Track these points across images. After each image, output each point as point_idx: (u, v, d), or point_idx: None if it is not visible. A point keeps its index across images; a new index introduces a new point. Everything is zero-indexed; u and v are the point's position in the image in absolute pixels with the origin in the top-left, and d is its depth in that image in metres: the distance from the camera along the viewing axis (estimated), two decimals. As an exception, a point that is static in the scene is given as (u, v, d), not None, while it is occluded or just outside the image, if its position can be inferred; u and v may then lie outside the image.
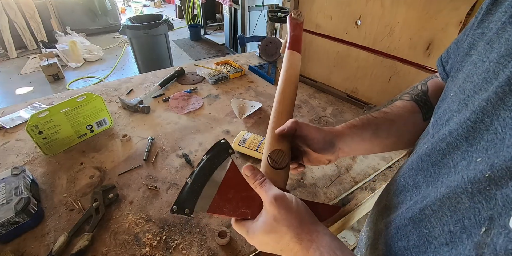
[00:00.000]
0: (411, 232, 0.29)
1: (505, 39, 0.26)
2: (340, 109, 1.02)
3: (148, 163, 0.75)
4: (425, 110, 0.44)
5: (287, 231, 0.31)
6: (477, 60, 0.29)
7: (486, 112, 0.24)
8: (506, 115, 0.22)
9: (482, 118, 0.25)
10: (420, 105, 0.45)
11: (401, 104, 0.46)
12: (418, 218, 0.29)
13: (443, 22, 0.70)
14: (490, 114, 0.24)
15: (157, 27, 2.64)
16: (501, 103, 0.23)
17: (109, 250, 0.55)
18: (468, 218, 0.23)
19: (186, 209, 0.34)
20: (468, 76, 0.29)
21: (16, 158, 0.76)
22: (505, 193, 0.20)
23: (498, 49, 0.26)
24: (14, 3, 3.40)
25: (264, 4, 3.06)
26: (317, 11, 0.98)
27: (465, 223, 0.23)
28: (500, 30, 0.27)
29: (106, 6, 4.26)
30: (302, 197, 0.67)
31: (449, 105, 0.31)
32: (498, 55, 0.26)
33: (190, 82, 1.17)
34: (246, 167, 0.35)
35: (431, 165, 0.30)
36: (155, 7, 6.18)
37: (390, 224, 0.34)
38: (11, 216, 0.54)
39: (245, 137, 0.78)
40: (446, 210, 0.26)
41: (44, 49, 3.45)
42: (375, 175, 0.76)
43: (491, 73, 0.26)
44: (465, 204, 0.24)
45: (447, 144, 0.28)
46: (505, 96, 0.23)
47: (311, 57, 1.12)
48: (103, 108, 0.85)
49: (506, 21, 0.26)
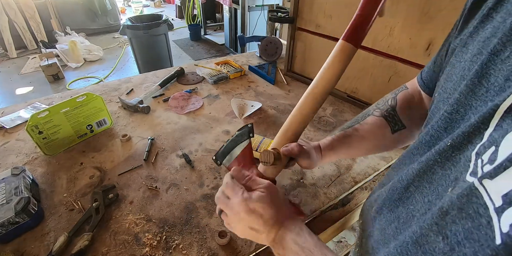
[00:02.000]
0: (402, 212, 0.32)
1: (477, 41, 0.29)
2: (340, 109, 1.02)
3: (148, 163, 0.75)
4: (392, 124, 0.51)
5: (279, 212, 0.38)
6: (454, 61, 0.32)
7: (460, 104, 0.27)
8: (477, 104, 0.25)
9: (457, 109, 0.27)
10: (388, 120, 0.51)
11: (371, 121, 0.53)
12: (405, 196, 0.32)
13: (443, 22, 0.70)
14: (464, 105, 0.27)
15: (157, 27, 2.64)
16: (472, 94, 0.26)
17: (109, 250, 0.55)
18: (441, 185, 0.26)
19: (218, 161, 0.51)
20: (448, 76, 0.32)
21: (16, 158, 0.76)
22: (466, 155, 0.24)
23: (472, 49, 0.29)
24: (14, 3, 3.40)
25: (264, 4, 3.06)
26: (317, 11, 0.98)
27: (439, 190, 0.26)
28: (473, 34, 0.30)
29: (106, 6, 4.26)
30: (302, 197, 0.67)
31: (435, 105, 0.34)
32: (471, 55, 0.29)
33: (190, 82, 1.17)
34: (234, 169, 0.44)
35: (419, 156, 0.33)
36: (155, 7, 6.18)
37: (381, 210, 0.36)
38: (11, 216, 0.54)
39: None
40: (425, 183, 0.29)
41: (44, 49, 3.45)
42: (375, 175, 0.76)
43: (466, 70, 0.28)
44: (439, 173, 0.27)
45: (430, 136, 0.31)
46: (475, 88, 0.26)
47: (311, 57, 1.12)
48: (103, 108, 0.85)
49: (477, 26, 0.30)
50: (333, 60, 0.49)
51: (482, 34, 0.28)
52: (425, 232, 0.24)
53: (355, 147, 0.53)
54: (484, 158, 0.21)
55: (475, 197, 0.20)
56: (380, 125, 0.52)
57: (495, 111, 0.22)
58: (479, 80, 0.26)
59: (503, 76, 0.23)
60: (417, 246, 0.25)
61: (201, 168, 0.74)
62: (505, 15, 0.26)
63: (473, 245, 0.19)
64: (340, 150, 0.54)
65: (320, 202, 0.66)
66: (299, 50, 1.15)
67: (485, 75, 0.25)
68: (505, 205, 0.17)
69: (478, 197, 0.20)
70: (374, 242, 0.36)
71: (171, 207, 0.63)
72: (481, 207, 0.19)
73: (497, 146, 0.20)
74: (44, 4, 3.67)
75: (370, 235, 0.38)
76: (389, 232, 0.33)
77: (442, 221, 0.22)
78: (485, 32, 0.28)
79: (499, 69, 0.24)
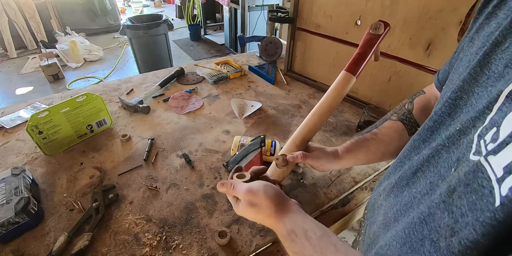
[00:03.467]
0: (405, 195, 0.33)
1: (482, 36, 0.31)
2: (340, 109, 1.02)
3: (148, 163, 0.75)
4: (409, 127, 0.53)
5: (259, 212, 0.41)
6: (462, 55, 0.35)
7: (463, 90, 0.29)
8: (479, 90, 0.27)
9: (460, 95, 0.30)
10: (405, 123, 0.53)
11: (388, 125, 0.55)
12: (412, 181, 0.33)
13: (443, 22, 0.70)
14: (467, 92, 0.29)
15: (157, 27, 2.64)
16: (475, 81, 0.28)
17: (109, 250, 0.55)
18: (443, 167, 0.28)
19: (229, 167, 0.59)
20: (455, 69, 0.35)
21: (16, 158, 0.76)
22: (469, 137, 0.25)
23: (477, 44, 0.31)
24: (14, 3, 3.39)
25: (264, 4, 3.06)
26: (317, 11, 0.98)
27: (441, 171, 0.28)
28: (479, 30, 0.33)
29: (106, 6, 4.26)
30: (302, 197, 0.67)
31: (441, 95, 0.36)
32: (476, 48, 0.31)
33: (190, 82, 1.17)
34: (219, 186, 0.45)
35: (422, 142, 0.35)
36: (155, 7, 6.18)
37: (389, 197, 0.38)
38: (11, 216, 0.54)
39: (242, 142, 0.77)
40: (431, 167, 0.30)
41: (44, 49, 3.45)
42: (375, 175, 0.76)
43: (470, 62, 0.30)
44: (443, 156, 0.29)
45: (433, 122, 0.33)
46: (477, 76, 0.28)
47: (311, 57, 1.12)
48: (103, 108, 0.85)
49: (483, 22, 0.32)
50: (337, 85, 0.59)
51: (487, 29, 0.30)
52: (433, 211, 0.25)
53: (373, 151, 0.55)
54: (486, 138, 0.22)
55: (480, 172, 0.21)
56: (397, 129, 0.54)
57: (499, 97, 0.23)
58: (481, 68, 0.27)
59: (502, 64, 0.25)
60: (423, 225, 0.26)
61: (201, 168, 0.74)
62: (508, 11, 0.28)
63: (475, 214, 0.20)
64: (358, 153, 0.56)
65: (320, 202, 0.66)
66: (299, 50, 1.15)
67: (487, 64, 0.27)
68: (505, 175, 0.18)
69: (483, 172, 0.21)
70: (376, 227, 0.37)
71: (171, 207, 0.63)
72: (484, 180, 0.20)
73: (498, 126, 0.22)
74: (44, 4, 3.66)
75: (374, 221, 0.39)
76: (390, 215, 0.34)
77: (449, 198, 0.23)
78: (490, 28, 0.30)
79: (499, 58, 0.26)
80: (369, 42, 0.60)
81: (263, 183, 0.43)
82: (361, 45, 0.60)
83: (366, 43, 0.60)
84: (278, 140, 0.84)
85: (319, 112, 0.59)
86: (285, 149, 0.59)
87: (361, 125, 0.88)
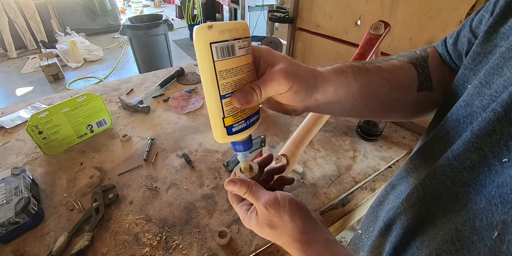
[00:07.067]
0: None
1: None
2: (340, 109, 1.02)
3: (148, 163, 0.75)
4: (422, 77, 0.38)
5: (280, 237, 0.33)
6: (505, 51, 0.26)
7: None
8: None
9: (510, 111, 0.22)
10: (418, 70, 0.38)
11: (398, 64, 0.39)
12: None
13: (443, 22, 0.70)
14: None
15: (157, 27, 2.64)
16: None
17: (109, 250, 0.55)
18: (480, 219, 0.22)
19: (229, 167, 0.59)
20: (495, 70, 0.26)
21: (16, 158, 0.76)
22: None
23: None
24: (14, 3, 3.40)
25: (264, 4, 3.06)
26: (317, 11, 0.99)
27: (476, 223, 0.22)
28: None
29: (106, 6, 4.26)
30: (302, 197, 0.67)
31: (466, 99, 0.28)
32: None
33: (190, 82, 1.17)
34: (228, 183, 0.34)
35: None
36: (155, 7, 6.18)
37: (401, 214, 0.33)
38: (11, 216, 0.54)
39: None
40: None
41: (44, 49, 3.45)
42: (375, 175, 0.76)
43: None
44: (480, 204, 0.22)
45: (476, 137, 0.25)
46: None
47: (311, 57, 1.12)
48: (103, 108, 0.85)
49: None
50: None
51: None
52: None
53: (374, 88, 0.36)
54: None
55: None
56: (407, 73, 0.38)
57: None
58: None
59: None
60: None
61: (201, 168, 0.74)
62: None
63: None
64: (354, 84, 0.34)
65: (320, 202, 0.66)
66: (299, 50, 1.15)
67: None
68: None
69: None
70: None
71: (171, 207, 0.63)
72: None
73: None
74: (44, 4, 3.67)
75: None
76: None
77: None
78: None
79: None
80: (369, 42, 0.60)
81: (288, 199, 0.33)
82: (361, 45, 0.60)
83: (367, 43, 0.60)
84: (278, 140, 0.84)
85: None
86: (285, 149, 0.59)
87: (361, 125, 0.87)
